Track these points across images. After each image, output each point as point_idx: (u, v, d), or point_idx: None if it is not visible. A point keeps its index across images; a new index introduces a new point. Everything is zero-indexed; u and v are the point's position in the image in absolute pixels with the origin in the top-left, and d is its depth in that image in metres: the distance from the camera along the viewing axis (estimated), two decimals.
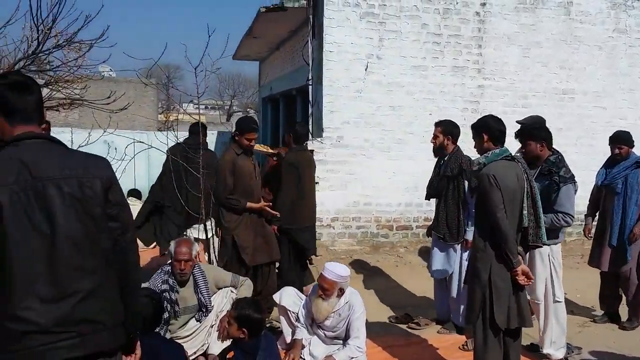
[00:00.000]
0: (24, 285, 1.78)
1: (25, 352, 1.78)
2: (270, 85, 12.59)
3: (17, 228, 1.79)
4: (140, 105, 24.22)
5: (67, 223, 1.85)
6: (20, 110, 1.92)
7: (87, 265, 1.88)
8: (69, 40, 5.30)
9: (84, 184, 1.89)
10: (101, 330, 1.89)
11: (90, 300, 1.87)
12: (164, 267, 4.15)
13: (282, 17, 8.45)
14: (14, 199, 1.79)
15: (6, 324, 1.78)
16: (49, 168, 1.86)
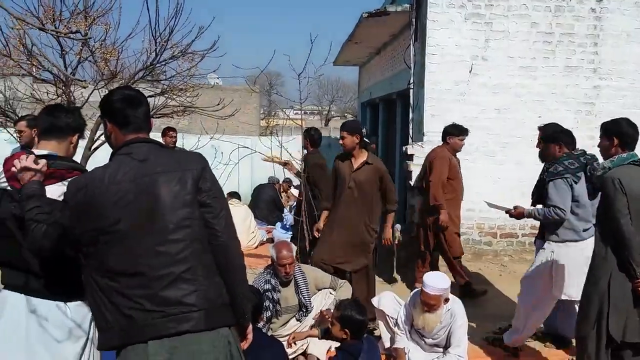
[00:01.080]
0: (129, 265, 1.98)
1: (127, 327, 1.96)
2: (369, 89, 12.61)
3: (120, 217, 1.98)
4: (243, 111, 25.31)
5: (166, 212, 2.02)
6: (132, 122, 2.15)
7: (178, 250, 2.02)
8: (184, 51, 5.65)
9: (181, 175, 2.06)
10: (191, 311, 1.99)
11: (179, 283, 2.00)
12: (266, 268, 4.29)
13: (384, 22, 8.44)
14: (118, 193, 1.99)
15: (114, 299, 1.98)
16: (154, 165, 2.06)
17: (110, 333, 2.02)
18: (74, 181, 2.09)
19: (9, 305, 2.39)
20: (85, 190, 2.01)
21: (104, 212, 1.99)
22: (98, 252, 2.01)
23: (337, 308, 3.64)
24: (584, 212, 4.10)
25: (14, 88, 6.15)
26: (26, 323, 2.35)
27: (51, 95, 5.57)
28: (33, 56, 5.23)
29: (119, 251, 1.99)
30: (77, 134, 2.56)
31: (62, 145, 2.49)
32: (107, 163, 2.12)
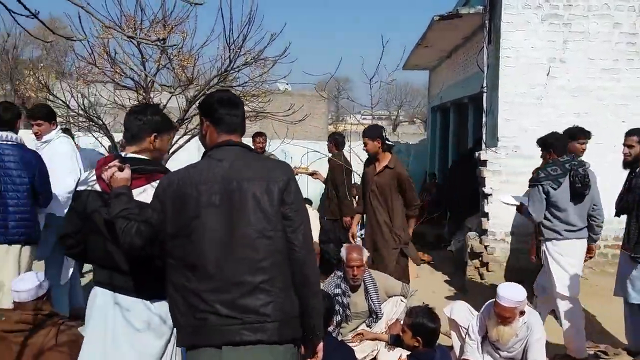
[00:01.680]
0: (207, 267, 2.03)
1: (201, 328, 2.01)
2: (440, 94, 12.39)
3: (205, 220, 2.04)
4: (312, 116, 25.57)
5: (249, 219, 2.05)
6: (228, 123, 2.22)
7: (258, 260, 2.05)
8: (256, 58, 5.77)
9: (268, 186, 2.09)
10: (265, 322, 2.02)
11: (256, 293, 2.02)
12: (337, 271, 4.29)
13: (456, 24, 8.27)
14: (206, 195, 2.05)
15: (190, 299, 2.03)
16: (242, 170, 2.11)
17: (182, 332, 2.09)
18: (165, 178, 2.17)
19: (98, 298, 2.51)
20: (174, 187, 2.09)
21: (188, 211, 2.05)
22: (178, 251, 2.07)
23: (408, 315, 3.59)
24: (564, 215, 4.37)
25: (97, 94, 6.49)
26: (113, 313, 2.46)
27: (132, 101, 5.83)
28: (116, 64, 5.50)
29: (198, 253, 2.04)
30: (153, 134, 2.53)
31: (143, 146, 2.53)
32: (196, 162, 2.20)
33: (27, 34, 17.75)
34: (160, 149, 2.59)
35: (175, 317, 2.12)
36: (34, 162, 3.89)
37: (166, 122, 2.64)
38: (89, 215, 2.48)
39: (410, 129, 45.26)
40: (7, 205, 3.78)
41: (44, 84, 5.82)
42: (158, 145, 2.55)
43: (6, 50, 22.69)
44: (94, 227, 2.47)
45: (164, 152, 2.63)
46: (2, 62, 22.63)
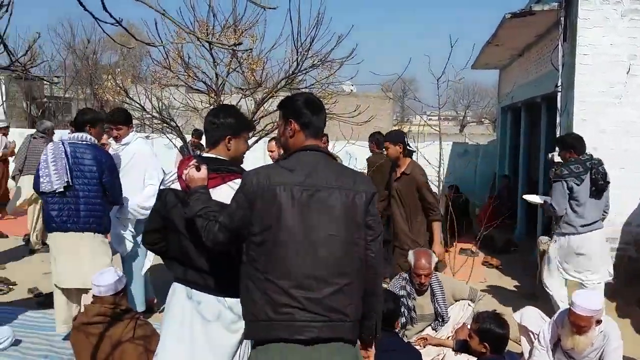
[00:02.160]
0: (291, 265, 2.11)
1: (284, 322, 2.09)
2: (511, 93, 12.01)
3: (293, 220, 2.12)
4: (377, 117, 25.46)
5: (334, 225, 2.13)
6: (315, 127, 2.30)
7: (343, 264, 2.16)
8: (323, 60, 5.82)
9: (354, 195, 2.19)
10: (345, 321, 2.15)
11: (341, 294, 2.14)
12: (402, 273, 4.26)
13: (528, 22, 8.00)
14: (294, 195, 2.13)
15: (271, 294, 2.10)
16: (326, 177, 2.19)
17: (257, 325, 2.15)
18: (251, 176, 2.21)
19: (176, 293, 2.63)
20: (262, 185, 2.15)
21: (275, 209, 2.12)
22: (263, 248, 2.14)
23: (475, 320, 3.51)
24: (582, 210, 4.78)
25: (171, 97, 6.75)
26: (190, 308, 2.55)
27: (204, 104, 6.02)
28: (189, 68, 5.71)
29: (285, 251, 2.12)
30: (227, 136, 2.58)
31: (220, 148, 2.60)
32: (283, 162, 2.26)
33: (105, 41, 18.51)
34: (236, 150, 2.64)
35: (250, 310, 2.18)
36: (104, 160, 4.24)
37: (241, 124, 2.67)
38: (167, 213, 2.59)
39: (478, 129, 44.14)
40: (79, 197, 4.16)
41: (123, 87, 6.11)
42: (233, 146, 2.60)
43: (86, 56, 24.02)
44: (172, 224, 2.58)
45: (240, 153, 2.68)
46: (83, 67, 23.98)
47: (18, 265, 6.93)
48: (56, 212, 4.15)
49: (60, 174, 4.09)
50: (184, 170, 2.49)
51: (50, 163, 4.11)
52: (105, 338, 3.25)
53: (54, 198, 4.14)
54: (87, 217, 4.19)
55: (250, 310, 2.18)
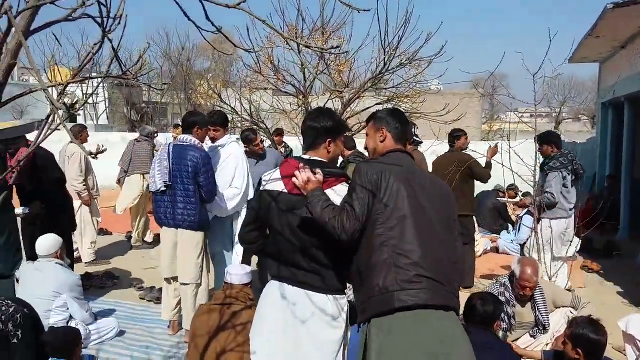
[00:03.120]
0: (417, 242, 2.36)
1: (411, 290, 2.30)
2: (613, 88, 11.27)
3: (412, 204, 2.41)
4: (466, 115, 24.77)
5: (441, 208, 2.50)
6: (403, 133, 2.68)
7: (449, 243, 2.48)
8: (411, 59, 5.75)
9: (447, 192, 2.63)
10: (454, 294, 2.43)
11: (451, 268, 2.44)
12: (499, 278, 4.11)
13: (632, 12, 7.47)
14: (410, 183, 2.44)
15: (400, 271, 2.32)
16: (420, 174, 2.57)
17: (383, 299, 2.31)
18: (363, 167, 2.47)
19: (272, 290, 2.68)
20: (375, 176, 2.42)
21: (397, 200, 2.39)
22: (389, 235, 2.37)
23: (569, 326, 3.33)
24: (570, 196, 5.53)
25: (261, 100, 6.95)
26: (285, 305, 2.61)
27: (293, 106, 6.15)
28: (279, 71, 5.85)
29: (411, 236, 2.37)
30: (328, 139, 2.62)
31: (321, 150, 2.65)
32: (382, 159, 2.60)
33: (198, 48, 19.32)
34: (335, 152, 2.69)
35: (376, 284, 2.34)
36: (202, 161, 4.43)
37: (340, 127, 2.71)
38: (264, 212, 2.68)
39: (575, 126, 41.78)
40: (176, 196, 4.44)
41: (217, 92, 6.37)
42: (333, 149, 2.66)
43: (181, 62, 25.26)
44: (269, 223, 2.68)
45: (337, 155, 2.74)
46: (178, 73, 25.26)
47: (121, 260, 7.40)
48: (159, 210, 4.53)
49: (162, 174, 4.42)
50: (295, 172, 2.54)
51: (156, 164, 4.50)
52: (234, 317, 3.41)
53: (157, 196, 4.52)
54: (182, 215, 4.45)
55: (375, 284, 2.34)
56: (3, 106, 1.70)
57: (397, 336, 2.28)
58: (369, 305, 2.36)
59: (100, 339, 4.59)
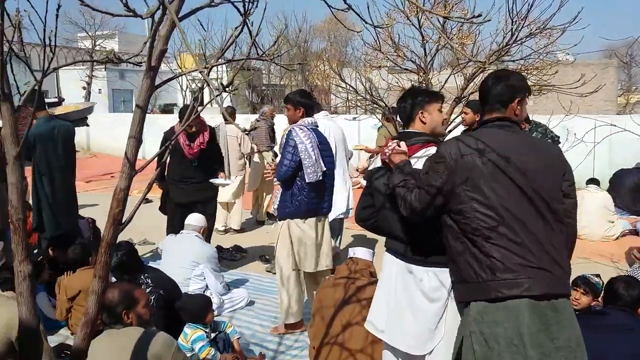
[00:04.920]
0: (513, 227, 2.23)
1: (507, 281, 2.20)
2: None
3: (505, 184, 2.26)
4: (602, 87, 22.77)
5: (547, 188, 2.29)
6: (491, 98, 2.45)
7: (552, 225, 2.28)
8: (542, 28, 5.40)
9: (553, 166, 2.35)
10: (565, 282, 2.31)
11: (560, 254, 2.27)
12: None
13: None
14: (495, 161, 2.26)
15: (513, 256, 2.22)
16: (512, 147, 2.31)
17: (482, 286, 2.25)
18: (445, 145, 2.42)
19: (386, 260, 2.82)
20: (455, 154, 2.31)
21: (486, 176, 2.27)
22: (474, 217, 2.26)
23: None
24: None
25: (379, 79, 6.90)
26: (395, 277, 2.73)
27: (413, 83, 6.05)
28: (399, 48, 5.76)
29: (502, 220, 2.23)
30: (420, 111, 2.75)
31: (416, 123, 2.79)
32: (474, 133, 2.46)
33: (315, 29, 19.40)
34: (431, 121, 2.78)
35: (470, 273, 2.29)
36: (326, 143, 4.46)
37: (426, 98, 2.80)
38: (373, 189, 2.82)
39: None
40: (329, 182, 4.44)
41: (337, 71, 6.43)
42: (427, 119, 2.77)
43: (298, 44, 25.78)
44: (378, 199, 2.79)
45: (437, 122, 2.81)
46: (295, 55, 25.84)
47: (247, 235, 7.83)
48: (311, 199, 4.26)
49: (319, 162, 4.20)
50: (384, 149, 2.70)
51: (306, 153, 4.15)
52: (349, 295, 3.53)
53: (311, 185, 4.20)
54: (329, 201, 4.45)
55: (469, 270, 2.29)
56: (157, 89, 1.85)
57: (491, 324, 2.23)
58: (465, 290, 2.34)
59: (232, 307, 4.91)
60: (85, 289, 4.08)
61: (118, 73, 27.88)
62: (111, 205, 1.80)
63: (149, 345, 2.54)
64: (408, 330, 2.63)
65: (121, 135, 16.74)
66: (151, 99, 1.99)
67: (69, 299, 4.18)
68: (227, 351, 3.77)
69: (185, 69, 16.43)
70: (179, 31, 1.50)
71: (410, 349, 2.64)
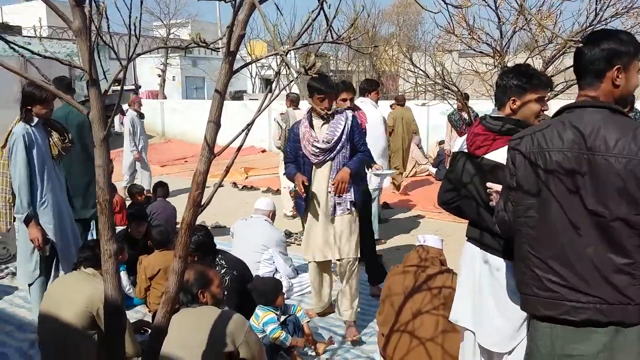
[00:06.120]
0: (552, 238, 1.97)
1: (546, 300, 1.99)
2: None
3: (559, 194, 1.94)
4: None
5: (612, 203, 1.87)
6: (582, 69, 2.01)
7: (626, 243, 1.88)
8: (629, 7, 5.09)
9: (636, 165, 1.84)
10: (628, 304, 1.89)
11: (624, 275, 1.88)
12: None
13: None
14: (565, 163, 1.93)
15: (537, 269, 2.01)
16: (598, 140, 1.89)
17: (532, 301, 2.06)
18: (514, 140, 2.14)
19: (467, 252, 2.72)
20: (520, 149, 2.06)
21: (533, 177, 2.01)
22: (531, 220, 2.03)
23: None
24: None
25: (451, 63, 6.72)
26: (480, 269, 2.63)
27: (488, 67, 5.85)
28: (473, 31, 5.58)
29: (545, 229, 1.99)
30: (512, 97, 2.50)
31: (506, 109, 2.54)
32: (549, 121, 2.07)
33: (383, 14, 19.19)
34: (523, 111, 2.52)
35: (521, 282, 2.12)
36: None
37: (527, 84, 2.51)
38: (459, 176, 2.69)
39: None
40: None
41: (408, 55, 6.32)
42: (519, 107, 2.51)
43: (366, 29, 25.54)
44: (465, 189, 2.67)
45: (524, 117, 2.53)
46: (363, 40, 25.64)
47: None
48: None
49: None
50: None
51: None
52: (419, 283, 3.50)
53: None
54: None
55: (520, 279, 2.13)
56: (235, 73, 1.87)
57: (536, 341, 2.07)
58: (523, 299, 2.15)
59: (301, 291, 4.97)
60: (164, 268, 4.25)
61: (191, 61, 28.70)
62: (191, 187, 1.85)
63: (223, 324, 2.61)
64: (492, 326, 2.56)
65: (194, 122, 17.32)
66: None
67: (148, 278, 4.38)
68: (297, 334, 3.82)
69: (255, 56, 16.74)
70: (260, 14, 1.51)
71: (493, 346, 2.57)
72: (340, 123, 3.96)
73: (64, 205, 4.04)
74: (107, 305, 1.91)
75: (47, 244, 3.86)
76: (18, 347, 3.96)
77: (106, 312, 1.95)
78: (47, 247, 3.87)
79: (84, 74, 1.72)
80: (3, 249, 5.73)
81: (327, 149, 3.95)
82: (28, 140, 3.73)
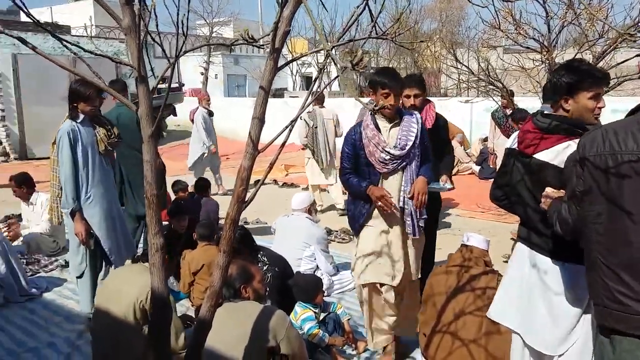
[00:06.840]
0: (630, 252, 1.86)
1: (620, 314, 1.88)
2: None
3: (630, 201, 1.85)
4: None
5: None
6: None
7: None
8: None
9: None
10: None
11: None
12: None
13: None
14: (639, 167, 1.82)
15: (607, 280, 1.92)
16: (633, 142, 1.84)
17: (603, 313, 1.96)
18: (584, 138, 2.04)
19: (520, 252, 2.67)
20: (592, 152, 1.94)
21: (604, 181, 1.90)
22: (601, 227, 1.93)
23: None
24: None
25: (497, 59, 6.58)
26: (529, 269, 2.58)
27: (536, 62, 5.70)
28: (520, 26, 5.45)
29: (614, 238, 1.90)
30: (563, 95, 2.42)
31: (558, 107, 2.47)
32: (623, 121, 1.98)
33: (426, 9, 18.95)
34: (575, 109, 2.42)
35: (590, 291, 2.05)
36: None
37: (578, 81, 2.41)
38: (509, 175, 2.66)
39: None
40: None
41: (452, 51, 6.22)
42: (571, 106, 2.42)
43: (409, 26, 25.27)
44: (514, 188, 2.64)
45: (579, 115, 2.43)
46: (404, 37, 25.38)
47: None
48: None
49: None
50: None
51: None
52: (463, 283, 3.45)
53: None
54: None
55: (592, 290, 2.04)
56: (280, 70, 1.88)
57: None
58: (595, 309, 2.05)
59: (341, 289, 4.96)
60: (208, 263, 4.31)
61: (233, 59, 29.04)
62: (235, 183, 1.86)
63: (265, 319, 2.63)
64: (544, 330, 2.51)
65: (235, 119, 17.51)
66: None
67: (192, 273, 4.46)
68: (337, 332, 3.82)
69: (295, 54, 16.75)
70: (306, 10, 1.50)
71: (545, 349, 2.52)
72: (413, 126, 3.40)
73: (112, 200, 4.14)
74: (154, 298, 1.95)
75: (91, 238, 3.97)
76: (66, 337, 4.09)
77: (153, 305, 1.99)
78: (91, 241, 3.97)
79: (132, 72, 1.76)
80: (53, 242, 5.94)
81: (400, 156, 3.36)
82: (73, 137, 3.83)
